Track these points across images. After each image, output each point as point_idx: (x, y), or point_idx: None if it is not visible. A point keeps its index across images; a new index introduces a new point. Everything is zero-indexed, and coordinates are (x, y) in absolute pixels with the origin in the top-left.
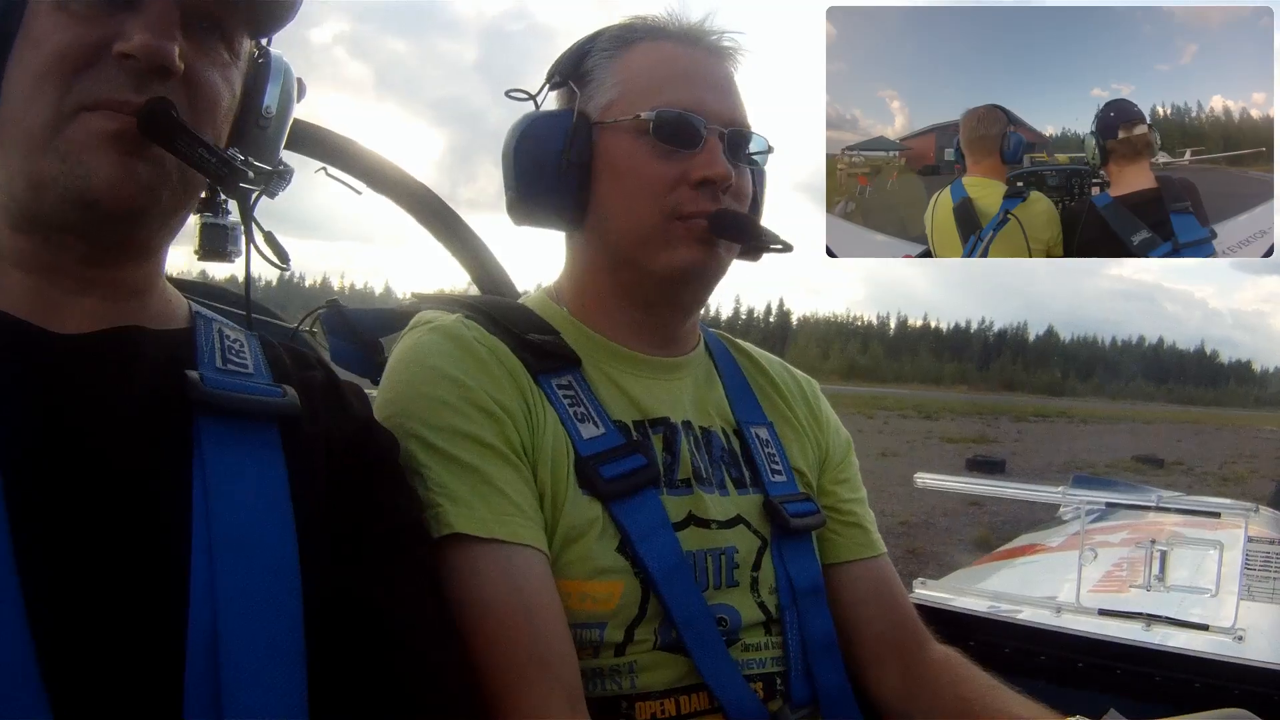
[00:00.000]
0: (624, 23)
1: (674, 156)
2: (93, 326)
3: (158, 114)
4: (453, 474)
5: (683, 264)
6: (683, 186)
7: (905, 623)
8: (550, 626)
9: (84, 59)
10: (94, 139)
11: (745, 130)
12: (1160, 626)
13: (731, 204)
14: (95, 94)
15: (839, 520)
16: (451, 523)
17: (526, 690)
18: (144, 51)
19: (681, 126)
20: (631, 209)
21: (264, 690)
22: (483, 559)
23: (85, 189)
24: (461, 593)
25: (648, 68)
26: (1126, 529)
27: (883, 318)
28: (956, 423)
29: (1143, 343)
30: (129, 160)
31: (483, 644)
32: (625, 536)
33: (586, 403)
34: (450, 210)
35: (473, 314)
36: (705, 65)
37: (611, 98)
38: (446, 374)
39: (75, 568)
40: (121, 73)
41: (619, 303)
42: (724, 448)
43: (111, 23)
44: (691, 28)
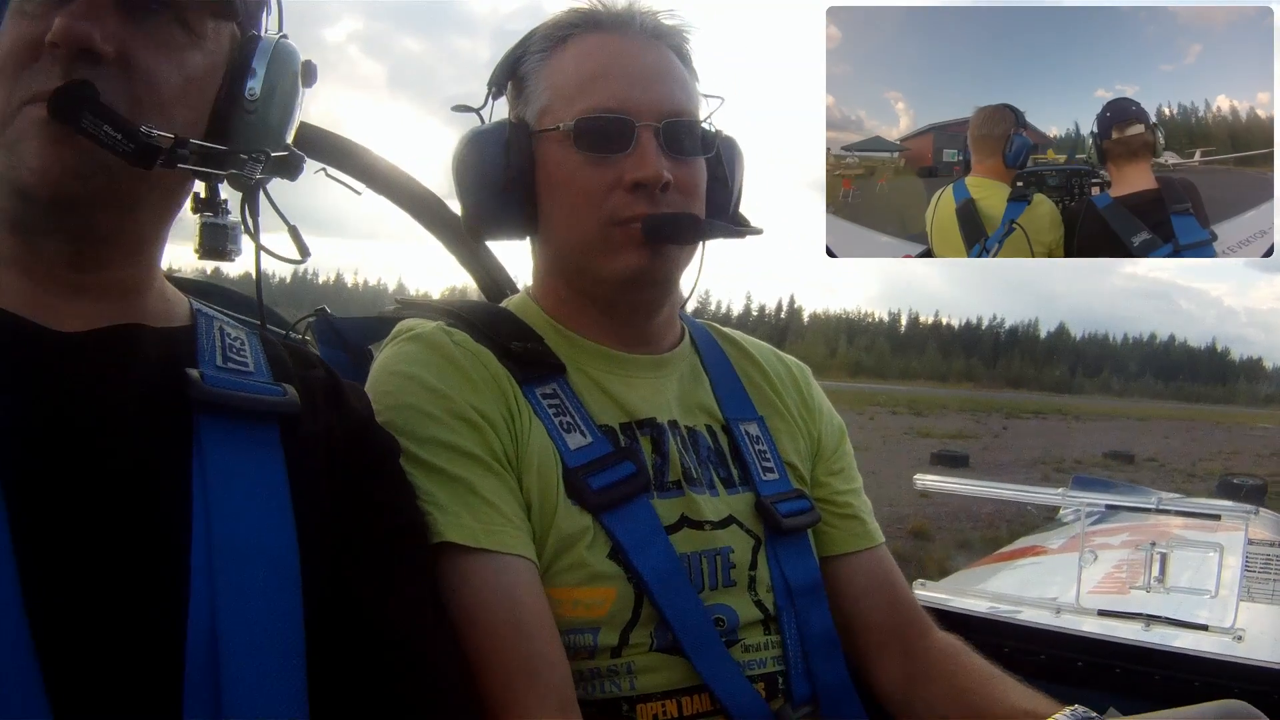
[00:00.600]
0: (556, 17)
1: (605, 161)
2: (91, 325)
3: (67, 96)
4: (439, 485)
5: (627, 270)
6: (618, 191)
7: (906, 612)
8: (540, 634)
9: (28, 55)
10: (29, 129)
11: (684, 119)
12: (1160, 627)
13: (675, 201)
14: (32, 87)
15: (835, 513)
16: (441, 531)
17: (517, 699)
18: (62, 35)
19: (606, 130)
20: (572, 219)
21: (264, 689)
22: (471, 569)
23: (18, 179)
24: (450, 602)
25: (574, 68)
26: (1127, 531)
27: (894, 314)
28: (945, 419)
29: (1154, 340)
30: (55, 147)
31: (472, 654)
32: (617, 545)
33: (572, 411)
34: (450, 210)
35: (456, 321)
36: (634, 54)
37: (543, 104)
38: (426, 384)
39: (75, 566)
40: (55, 63)
41: (583, 305)
42: (710, 447)
43: (52, 14)
44: (620, 12)
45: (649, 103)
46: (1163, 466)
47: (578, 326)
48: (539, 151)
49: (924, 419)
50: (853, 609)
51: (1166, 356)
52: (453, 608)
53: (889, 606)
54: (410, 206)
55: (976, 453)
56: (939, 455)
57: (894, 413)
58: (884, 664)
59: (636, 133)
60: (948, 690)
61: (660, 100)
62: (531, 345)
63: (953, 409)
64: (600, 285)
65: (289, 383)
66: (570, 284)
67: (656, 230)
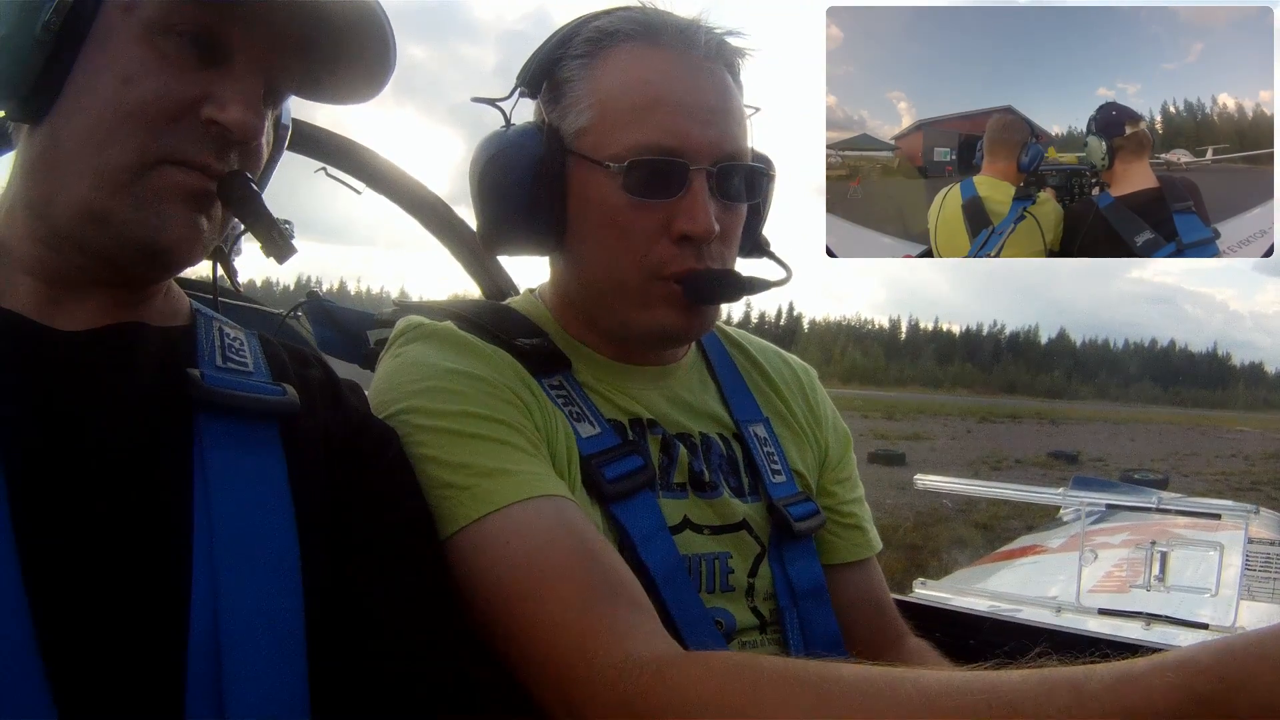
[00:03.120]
0: (605, 16)
1: (652, 206)
2: (95, 323)
3: (237, 184)
4: (477, 451)
5: (662, 328)
6: (664, 240)
7: (889, 621)
8: (611, 559)
9: (174, 114)
10: (174, 193)
11: (738, 163)
12: (1160, 625)
13: (718, 253)
14: (181, 151)
15: (839, 522)
16: (495, 498)
17: (599, 606)
18: (238, 127)
19: (660, 174)
20: (610, 262)
21: (266, 686)
22: (529, 514)
23: (155, 240)
24: (509, 550)
25: (626, 87)
26: (1127, 530)
27: (894, 321)
28: (916, 422)
29: (1154, 346)
30: (199, 217)
31: (543, 582)
32: (625, 539)
33: (580, 402)
34: (455, 215)
35: (460, 323)
36: (695, 80)
37: (585, 123)
38: (450, 368)
39: (77, 564)
40: (208, 136)
41: (596, 328)
42: (722, 454)
43: (202, 79)
44: (684, 26)
45: (707, 142)
46: (1106, 467)
47: (587, 339)
48: (575, 174)
49: (893, 423)
50: (844, 617)
51: (1166, 362)
52: (512, 553)
53: (875, 615)
54: (414, 209)
55: (922, 453)
56: (875, 454)
57: (865, 417)
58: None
59: (689, 177)
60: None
61: (718, 140)
62: (538, 341)
63: (929, 413)
64: (627, 330)
65: (288, 382)
66: (589, 312)
67: (700, 292)
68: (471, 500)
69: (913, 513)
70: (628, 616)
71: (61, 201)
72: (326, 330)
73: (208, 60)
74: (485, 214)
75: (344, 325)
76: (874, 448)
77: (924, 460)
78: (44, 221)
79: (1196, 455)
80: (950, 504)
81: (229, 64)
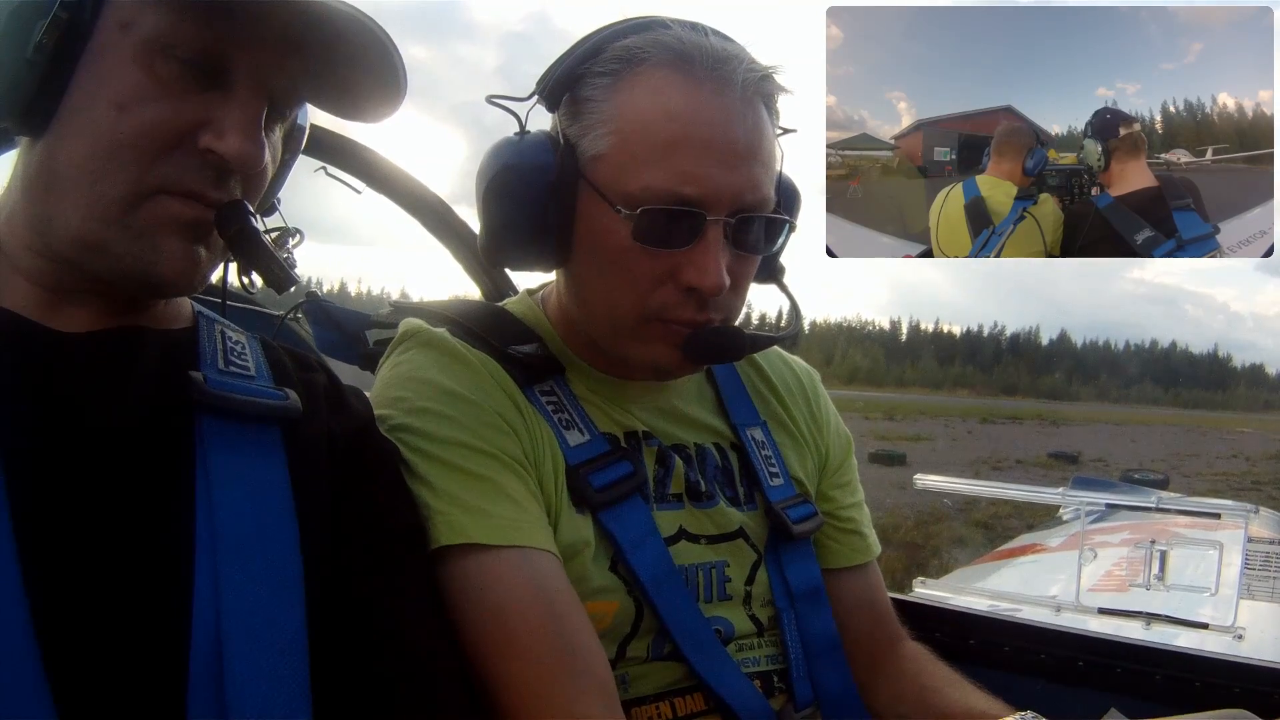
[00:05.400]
0: (633, 36)
1: (661, 254)
2: (95, 326)
3: (235, 216)
4: (463, 485)
5: (657, 363)
6: (669, 285)
7: (886, 624)
8: (575, 623)
9: (171, 142)
10: (171, 224)
11: (758, 214)
12: (1160, 625)
13: (725, 303)
14: (178, 181)
15: (837, 527)
16: (468, 532)
17: (558, 688)
18: (236, 158)
19: (673, 224)
20: (609, 296)
21: (268, 689)
22: (502, 565)
23: (152, 270)
24: (481, 599)
25: (649, 119)
26: (1126, 529)
27: (895, 322)
28: (916, 424)
29: (1155, 347)
30: (197, 248)
31: (507, 648)
32: (616, 549)
33: (570, 409)
34: (456, 217)
35: (453, 328)
36: (724, 123)
37: (603, 149)
38: (443, 388)
39: (79, 567)
40: (205, 164)
41: (597, 349)
42: (718, 465)
43: (200, 103)
44: (718, 60)
45: (728, 188)
46: (1107, 468)
47: (582, 354)
48: (586, 202)
49: (893, 423)
50: (843, 621)
51: (1167, 363)
52: (483, 604)
53: (874, 620)
54: (414, 209)
55: (923, 453)
56: (876, 455)
57: (866, 418)
58: (857, 669)
59: (705, 228)
60: (913, 690)
61: (740, 189)
62: (532, 348)
63: (929, 414)
64: (622, 357)
65: (290, 386)
66: (587, 333)
67: (699, 351)
68: (446, 526)
69: (913, 512)
70: (586, 704)
71: (58, 227)
72: (325, 331)
73: (206, 83)
74: (489, 225)
75: (342, 326)
76: (875, 448)
77: (925, 461)
78: (42, 239)
79: (1197, 456)
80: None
81: (229, 87)
